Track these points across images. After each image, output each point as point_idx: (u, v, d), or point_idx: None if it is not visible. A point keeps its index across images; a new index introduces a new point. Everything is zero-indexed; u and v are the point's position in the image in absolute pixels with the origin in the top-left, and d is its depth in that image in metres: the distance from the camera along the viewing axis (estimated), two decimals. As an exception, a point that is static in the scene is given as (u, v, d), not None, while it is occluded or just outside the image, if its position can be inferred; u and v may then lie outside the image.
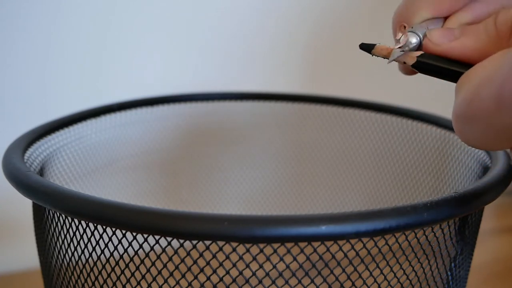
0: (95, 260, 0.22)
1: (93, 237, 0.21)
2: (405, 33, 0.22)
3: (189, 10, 0.52)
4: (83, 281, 0.23)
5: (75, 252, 0.23)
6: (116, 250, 0.21)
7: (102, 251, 0.22)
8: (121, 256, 0.22)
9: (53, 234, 0.23)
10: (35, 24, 0.46)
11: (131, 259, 0.22)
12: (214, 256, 0.20)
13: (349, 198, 0.44)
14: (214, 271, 0.20)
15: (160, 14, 0.51)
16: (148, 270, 0.21)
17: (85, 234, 0.22)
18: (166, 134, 0.42)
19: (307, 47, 0.59)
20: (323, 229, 0.18)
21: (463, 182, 0.32)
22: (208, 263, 0.20)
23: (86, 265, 0.23)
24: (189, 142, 0.44)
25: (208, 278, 0.20)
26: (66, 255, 0.23)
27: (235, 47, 0.55)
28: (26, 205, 0.26)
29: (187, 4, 0.52)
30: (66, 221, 0.22)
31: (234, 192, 0.46)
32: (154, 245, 0.20)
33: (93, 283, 0.22)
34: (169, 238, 0.19)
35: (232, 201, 0.46)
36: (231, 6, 0.54)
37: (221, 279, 0.20)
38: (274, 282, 0.21)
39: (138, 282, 0.21)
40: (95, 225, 0.21)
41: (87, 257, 0.22)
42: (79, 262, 0.23)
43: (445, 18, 0.24)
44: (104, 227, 0.21)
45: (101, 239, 0.21)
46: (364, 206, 0.43)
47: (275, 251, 0.20)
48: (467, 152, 0.32)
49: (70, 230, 0.22)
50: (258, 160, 0.46)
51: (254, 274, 0.20)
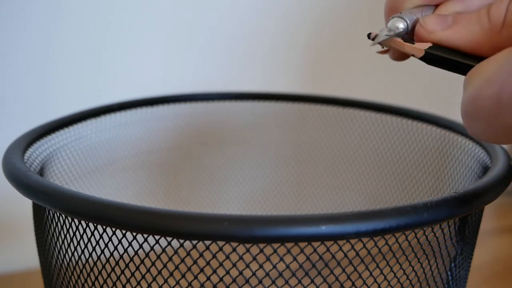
0: (95, 260, 0.22)
1: (93, 237, 0.21)
2: (393, 18, 0.22)
3: (189, 10, 0.52)
4: (83, 281, 0.23)
5: (75, 252, 0.23)
6: (116, 250, 0.21)
7: (102, 251, 0.22)
8: (121, 256, 0.22)
9: (53, 234, 0.23)
10: (35, 24, 0.46)
11: (131, 259, 0.22)
12: (214, 256, 0.20)
13: (349, 198, 0.44)
14: (214, 271, 0.20)
15: (160, 14, 0.51)
16: (148, 270, 0.21)
17: (85, 234, 0.22)
18: (166, 134, 0.42)
19: (307, 47, 0.59)
20: (323, 229, 0.18)
21: (463, 182, 0.32)
22: (208, 263, 0.20)
23: (86, 265, 0.23)
24: (189, 142, 0.44)
25: (208, 278, 0.20)
26: (66, 255, 0.23)
27: (235, 47, 0.55)
28: (26, 205, 0.26)
29: (187, 4, 0.52)
30: (66, 221, 0.22)
31: (234, 192, 0.46)
32: (154, 245, 0.20)
33: (93, 283, 0.22)
34: (169, 238, 0.19)
35: (232, 201, 0.46)
36: (231, 6, 0.54)
37: (221, 279, 0.20)
38: (274, 282, 0.21)
39: (138, 282, 0.21)
40: (95, 225, 0.21)
41: (87, 257, 0.22)
42: (79, 262, 0.23)
43: (435, 6, 0.23)
44: (104, 227, 0.21)
45: (101, 239, 0.21)
46: (364, 206, 0.43)
47: (275, 251, 0.20)
48: (467, 152, 0.32)
49: (70, 230, 0.22)
50: (258, 160, 0.46)
51: (254, 274, 0.20)
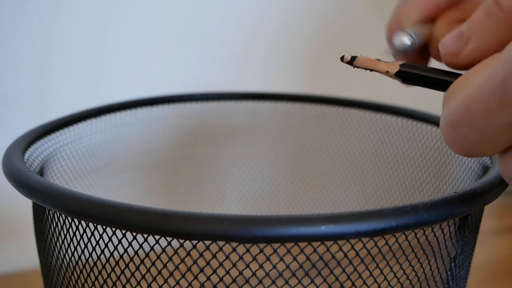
0: (95, 260, 0.22)
1: (93, 237, 0.21)
2: (397, 34, 0.22)
3: (189, 10, 0.52)
4: (83, 281, 0.23)
5: (75, 252, 0.23)
6: (116, 250, 0.21)
7: (102, 251, 0.22)
8: (121, 256, 0.22)
9: (53, 234, 0.23)
10: (35, 24, 0.46)
11: (131, 259, 0.22)
12: (214, 256, 0.20)
13: (349, 198, 0.44)
14: (214, 271, 0.20)
15: (160, 14, 0.51)
16: (148, 270, 0.21)
17: (85, 234, 0.22)
18: (166, 134, 0.42)
19: (307, 47, 0.59)
20: (323, 229, 0.18)
21: (463, 182, 0.32)
22: (208, 263, 0.20)
23: (86, 265, 0.23)
24: (189, 142, 0.44)
25: (208, 278, 0.20)
26: (66, 255, 0.23)
27: (235, 47, 0.55)
28: (26, 205, 0.26)
29: (187, 4, 0.52)
30: (66, 221, 0.22)
31: (234, 192, 0.46)
32: (154, 245, 0.20)
33: (93, 283, 0.22)
34: (169, 238, 0.19)
35: (232, 201, 0.46)
36: (231, 6, 0.54)
37: (221, 279, 0.20)
38: (274, 282, 0.21)
39: (138, 282, 0.21)
40: (95, 225, 0.21)
41: (87, 257, 0.22)
42: (79, 262, 0.23)
43: (433, 20, 0.24)
44: (104, 227, 0.21)
45: (101, 239, 0.21)
46: (364, 206, 0.43)
47: (275, 251, 0.20)
48: (467, 152, 0.32)
49: (70, 230, 0.22)
50: (258, 160, 0.46)
51: (254, 274, 0.20)
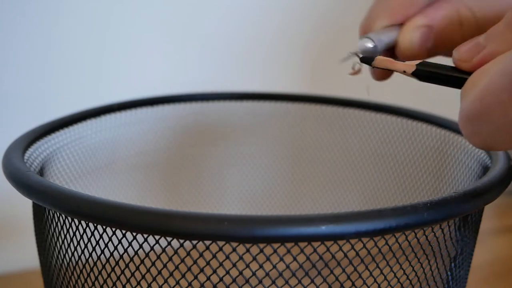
0: (95, 260, 0.22)
1: (93, 237, 0.21)
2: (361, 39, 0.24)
3: (189, 10, 0.52)
4: (83, 281, 0.23)
5: (75, 252, 0.23)
6: (116, 250, 0.21)
7: (102, 251, 0.22)
8: (121, 256, 0.22)
9: (53, 234, 0.23)
10: (35, 24, 0.46)
11: (131, 259, 0.22)
12: (214, 256, 0.20)
13: (349, 198, 0.44)
14: (214, 271, 0.20)
15: (160, 13, 0.51)
16: (148, 270, 0.21)
17: (85, 234, 0.22)
18: (166, 134, 0.42)
19: (307, 47, 0.59)
20: (323, 229, 0.18)
21: (463, 182, 0.32)
22: (208, 263, 0.20)
23: (86, 265, 0.23)
24: (189, 142, 0.44)
25: (208, 278, 0.20)
26: (66, 255, 0.23)
27: (235, 47, 0.55)
28: (26, 205, 0.26)
29: (187, 4, 0.52)
30: (66, 221, 0.22)
31: (234, 192, 0.46)
32: (154, 245, 0.20)
33: (93, 283, 0.22)
34: (169, 238, 0.19)
35: (232, 201, 0.46)
36: (231, 6, 0.54)
37: (221, 279, 0.20)
38: (274, 282, 0.21)
39: (138, 282, 0.21)
40: (95, 225, 0.21)
41: (87, 257, 0.22)
42: (79, 262, 0.23)
43: (401, 25, 0.25)
44: (104, 227, 0.21)
45: (101, 239, 0.21)
46: (364, 206, 0.43)
47: (275, 251, 0.20)
48: (467, 152, 0.32)
49: (70, 230, 0.22)
50: (258, 160, 0.46)
51: (254, 274, 0.20)
